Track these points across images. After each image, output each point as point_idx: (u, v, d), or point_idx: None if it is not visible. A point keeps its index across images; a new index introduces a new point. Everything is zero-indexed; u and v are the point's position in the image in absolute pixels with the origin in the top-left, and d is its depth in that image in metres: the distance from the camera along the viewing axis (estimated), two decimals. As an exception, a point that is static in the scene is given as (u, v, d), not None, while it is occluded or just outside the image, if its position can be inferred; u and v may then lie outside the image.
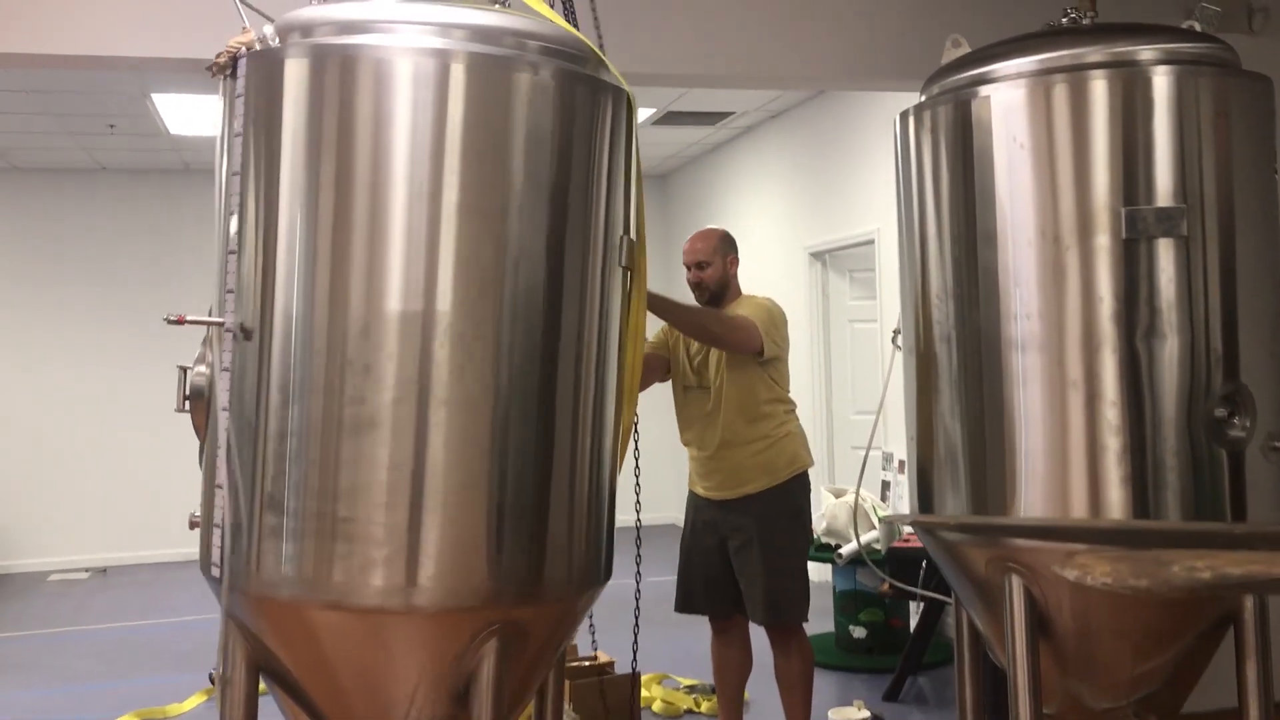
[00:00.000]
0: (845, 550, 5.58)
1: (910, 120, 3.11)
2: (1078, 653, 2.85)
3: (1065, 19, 3.05)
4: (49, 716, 5.54)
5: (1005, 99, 2.86)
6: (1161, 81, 2.78)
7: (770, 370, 4.06)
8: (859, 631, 5.91)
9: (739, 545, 4.03)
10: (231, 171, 2.46)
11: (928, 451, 3.08)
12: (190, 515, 2.55)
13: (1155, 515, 2.71)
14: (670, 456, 4.27)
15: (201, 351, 2.54)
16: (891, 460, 6.33)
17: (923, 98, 3.16)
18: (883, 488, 6.46)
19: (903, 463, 5.19)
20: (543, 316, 2.40)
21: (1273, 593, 2.76)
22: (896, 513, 5.95)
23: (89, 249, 9.61)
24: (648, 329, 2.86)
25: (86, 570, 9.30)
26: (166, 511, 8.10)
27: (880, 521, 5.48)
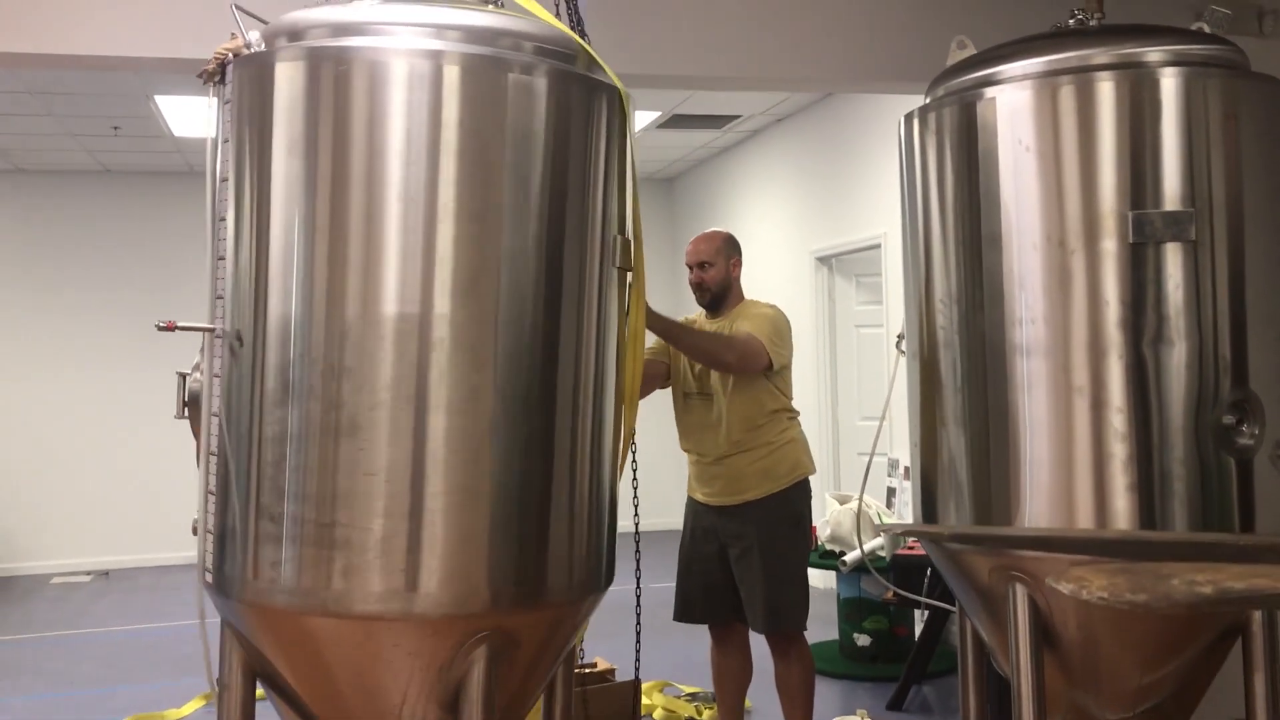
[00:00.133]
0: (849, 558, 5.54)
1: (915, 122, 3.08)
2: (1083, 663, 2.82)
3: (1072, 20, 3.03)
4: (48, 721, 5.53)
5: (1011, 101, 2.82)
6: (1169, 83, 2.74)
7: (774, 379, 4.03)
8: (863, 639, 5.87)
9: (739, 553, 3.99)
10: (221, 177, 2.47)
11: (931, 458, 3.04)
12: (193, 520, 2.55)
13: (1162, 524, 2.67)
14: (675, 460, 4.23)
15: (199, 358, 2.55)
16: (897, 467, 6.29)
17: (927, 100, 3.13)
18: (888, 494, 6.42)
19: (908, 469, 5.15)
20: (541, 318, 2.39)
21: (1278, 608, 2.71)
22: (895, 521, 5.91)
23: (92, 251, 9.62)
24: (647, 335, 2.83)
25: (89, 573, 9.30)
26: (169, 515, 8.09)
27: (881, 532, 5.45)
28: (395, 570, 2.26)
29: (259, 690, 2.48)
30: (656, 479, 5.56)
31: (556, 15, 2.82)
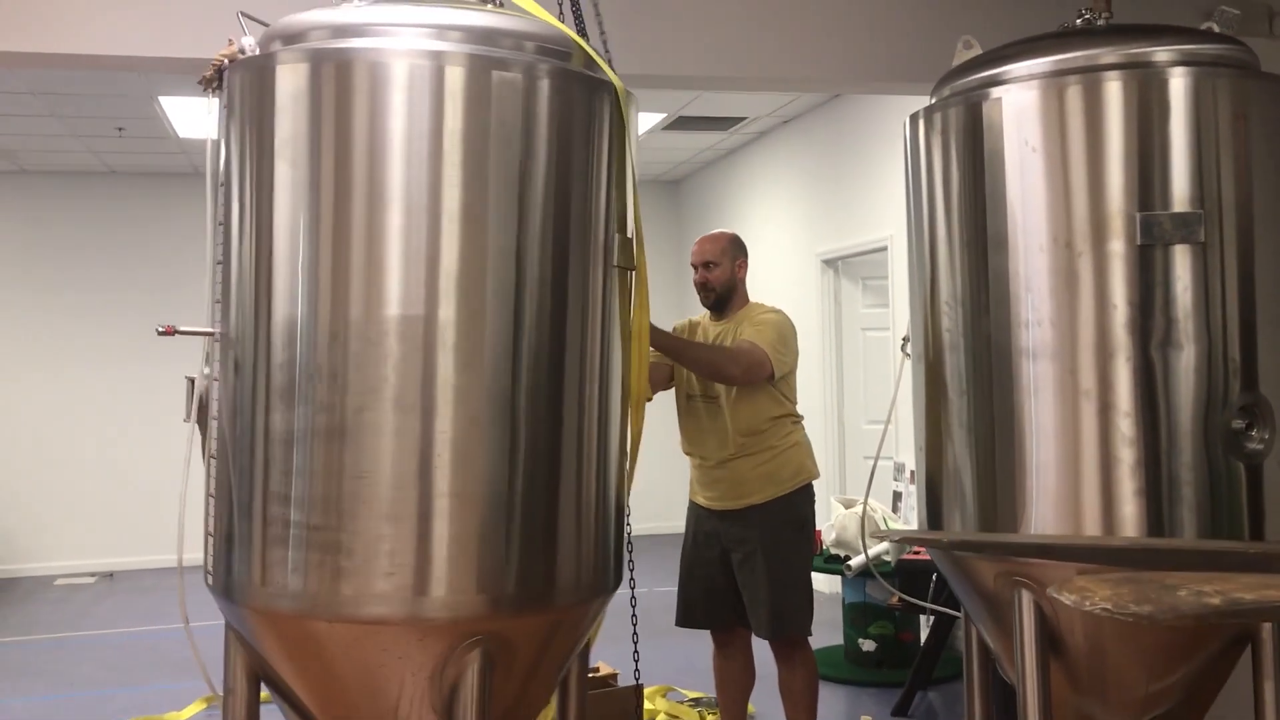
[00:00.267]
0: (854, 562, 5.50)
1: (920, 123, 3.05)
2: (1089, 670, 2.79)
3: (1079, 20, 3.00)
4: (50, 723, 5.52)
5: (1017, 101, 2.79)
6: (1178, 83, 2.71)
7: (778, 384, 4.00)
8: (868, 645, 5.83)
9: (742, 558, 3.96)
10: (220, 182, 2.49)
11: (936, 462, 3.01)
12: (178, 519, 2.58)
13: (1170, 530, 2.64)
14: (678, 462, 4.20)
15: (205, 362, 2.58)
16: (903, 470, 6.25)
17: (933, 100, 3.10)
18: (894, 498, 6.38)
19: (914, 473, 5.12)
20: (545, 318, 2.39)
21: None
22: (900, 526, 5.87)
23: (97, 252, 9.61)
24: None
25: (93, 575, 9.29)
26: (173, 516, 8.06)
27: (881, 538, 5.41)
28: (382, 575, 2.26)
29: (264, 693, 2.51)
30: (660, 482, 5.53)
31: (559, 16, 2.81)
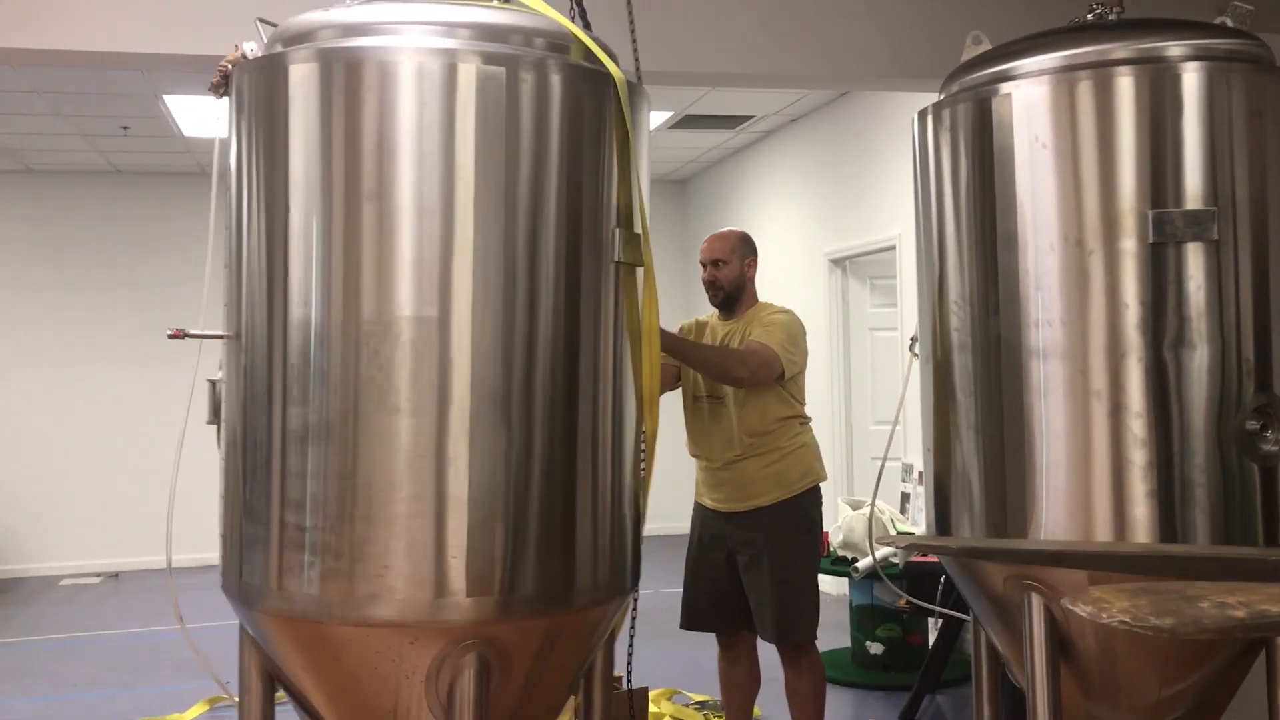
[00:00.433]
0: (861, 565, 5.46)
1: (929, 119, 3.02)
2: (1100, 675, 2.76)
3: (1090, 14, 2.96)
4: (54, 724, 5.51)
5: (1027, 97, 2.76)
6: (1191, 79, 2.67)
7: (786, 385, 3.96)
8: (876, 648, 5.79)
9: (748, 560, 3.93)
10: (228, 185, 2.52)
11: (944, 464, 2.98)
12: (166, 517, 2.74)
13: (1183, 533, 2.60)
14: (686, 463, 4.17)
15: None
16: (911, 472, 6.21)
17: (942, 96, 3.06)
18: (902, 500, 6.33)
19: (922, 474, 5.08)
20: (563, 316, 2.40)
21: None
22: (908, 528, 5.83)
23: (102, 251, 9.61)
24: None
25: (98, 575, 9.29)
26: (180, 516, 8.05)
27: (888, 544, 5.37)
28: (373, 577, 2.27)
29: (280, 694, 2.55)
30: (672, 483, 5.50)
31: (569, 16, 2.80)
